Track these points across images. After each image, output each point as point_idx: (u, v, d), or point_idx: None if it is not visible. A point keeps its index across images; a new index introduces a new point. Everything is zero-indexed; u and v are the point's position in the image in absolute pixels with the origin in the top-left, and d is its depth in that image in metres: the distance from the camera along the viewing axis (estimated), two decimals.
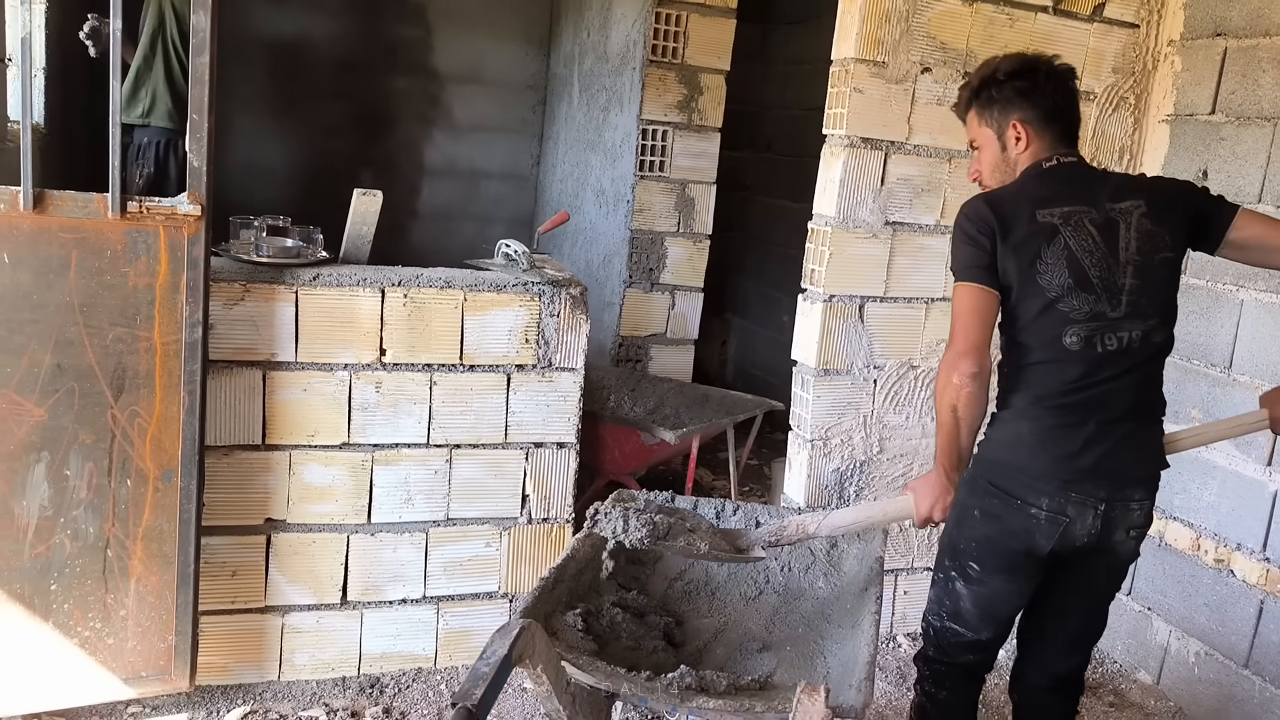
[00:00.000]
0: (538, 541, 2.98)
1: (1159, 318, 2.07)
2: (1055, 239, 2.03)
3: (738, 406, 3.91)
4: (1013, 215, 2.05)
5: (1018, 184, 2.14)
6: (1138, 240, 2.04)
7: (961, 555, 2.16)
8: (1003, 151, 2.18)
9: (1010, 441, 2.10)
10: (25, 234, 2.20)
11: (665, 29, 4.43)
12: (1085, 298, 2.02)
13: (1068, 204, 2.06)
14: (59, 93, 4.08)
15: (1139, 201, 2.07)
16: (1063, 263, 2.02)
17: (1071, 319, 2.02)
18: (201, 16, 2.26)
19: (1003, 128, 2.17)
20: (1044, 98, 2.14)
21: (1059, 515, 2.03)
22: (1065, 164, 2.13)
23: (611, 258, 4.68)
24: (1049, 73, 2.15)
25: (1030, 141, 2.15)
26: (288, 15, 5.37)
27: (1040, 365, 2.06)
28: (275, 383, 2.66)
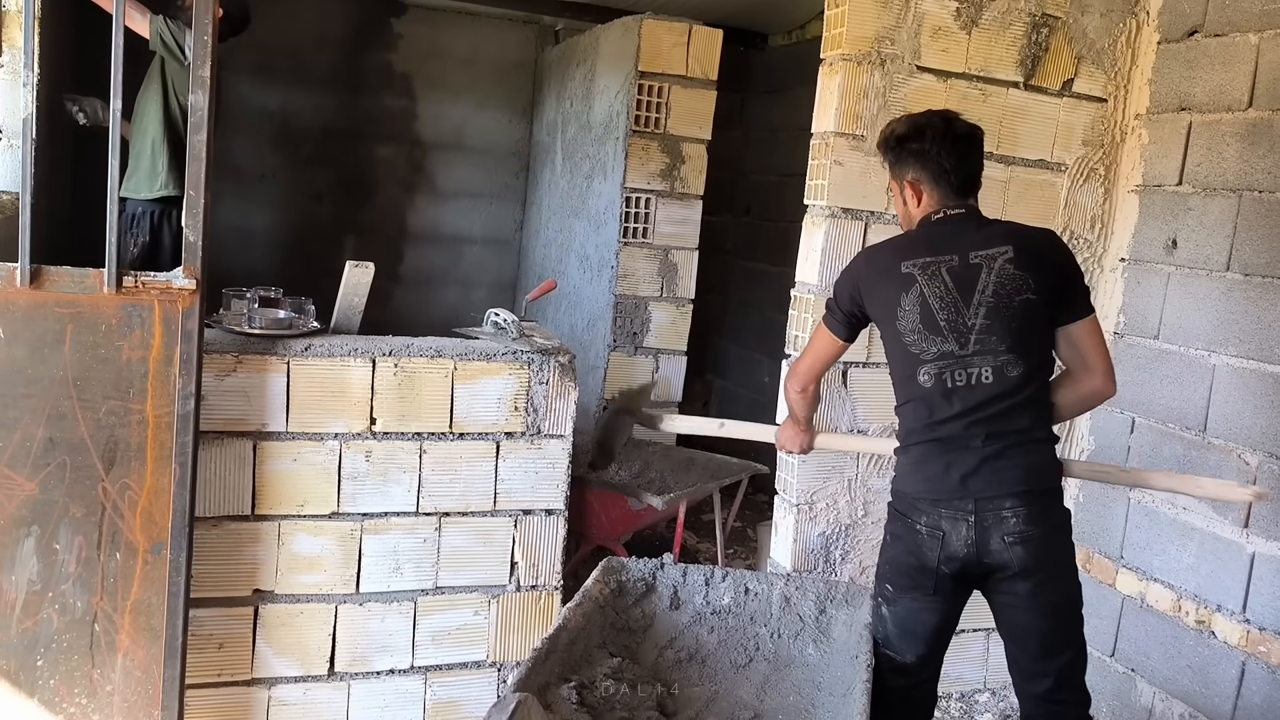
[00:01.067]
0: (527, 609, 2.97)
1: (1014, 353, 2.22)
2: (912, 287, 2.26)
3: (723, 470, 3.94)
4: (883, 269, 2.32)
5: (904, 236, 2.42)
6: (996, 283, 2.23)
7: (880, 579, 2.39)
8: (904, 205, 2.42)
9: (900, 470, 2.36)
10: (21, 309, 2.22)
11: (647, 99, 4.53)
12: (933, 339, 2.24)
13: (929, 254, 2.28)
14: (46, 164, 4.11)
15: (1006, 248, 2.26)
16: (916, 309, 2.25)
17: (922, 359, 2.25)
18: (200, 96, 2.31)
19: (901, 184, 2.40)
20: (931, 160, 2.33)
21: (935, 529, 2.23)
22: (950, 216, 2.33)
23: (596, 322, 4.73)
24: (936, 135, 2.33)
25: (922, 197, 2.36)
26: (275, 86, 5.46)
27: (908, 404, 2.31)
28: (265, 453, 2.67)
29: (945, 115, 2.38)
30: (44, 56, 3.94)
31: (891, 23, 3.03)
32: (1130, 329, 3.29)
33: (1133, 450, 3.24)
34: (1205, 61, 3.08)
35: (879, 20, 3.01)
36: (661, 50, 4.53)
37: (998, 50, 3.15)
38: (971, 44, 3.13)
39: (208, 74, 2.29)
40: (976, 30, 3.12)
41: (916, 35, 3.06)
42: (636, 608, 2.57)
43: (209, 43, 2.28)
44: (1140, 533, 3.21)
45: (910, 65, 3.08)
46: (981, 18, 3.12)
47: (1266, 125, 2.89)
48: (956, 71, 3.13)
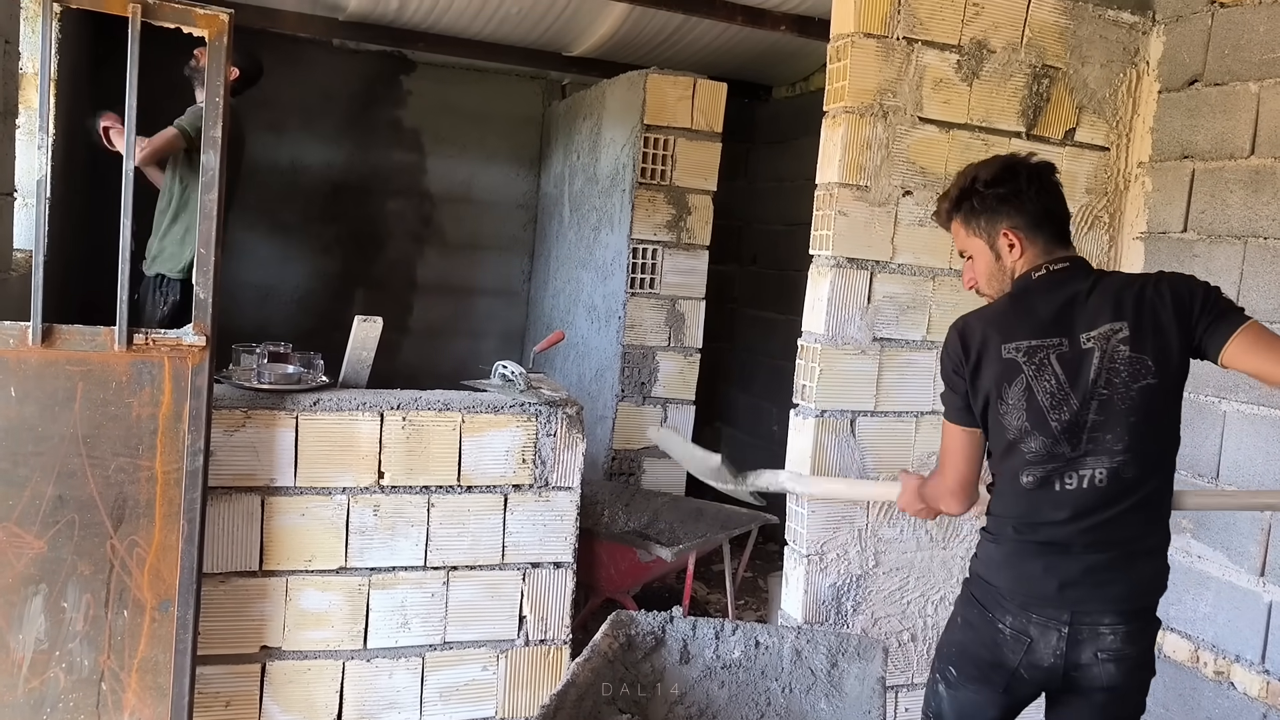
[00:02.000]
0: (535, 664, 2.95)
1: (1131, 452, 1.96)
2: (1017, 378, 2.00)
3: (732, 521, 3.91)
4: (982, 350, 2.04)
5: (1000, 303, 2.11)
6: (1109, 371, 1.96)
7: (943, 659, 2.20)
8: (997, 260, 2.11)
9: (985, 557, 2.13)
10: (33, 368, 2.24)
11: (653, 152, 4.58)
12: (1041, 440, 1.99)
13: (1037, 335, 2.00)
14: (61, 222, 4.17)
15: (1120, 325, 1.97)
16: (1022, 403, 1.99)
17: (1028, 460, 2.01)
18: (211, 156, 2.35)
19: (993, 237, 2.09)
20: (1029, 202, 2.07)
21: (1021, 634, 2.03)
22: (1055, 273, 2.04)
23: (604, 372, 4.74)
24: (1029, 174, 2.09)
25: (1024, 249, 2.07)
26: (285, 142, 5.54)
27: (1008, 495, 2.07)
28: (273, 508, 2.67)
29: (1019, 156, 2.15)
30: (60, 117, 4.01)
31: (893, 75, 3.06)
32: None
33: None
34: (1206, 110, 3.10)
35: (881, 73, 3.05)
36: (667, 103, 4.59)
37: (999, 101, 3.18)
38: (973, 95, 3.16)
39: (219, 134, 2.33)
40: (978, 82, 3.15)
41: (918, 87, 3.09)
42: (646, 662, 2.54)
43: (220, 104, 2.32)
44: None
45: (913, 117, 3.10)
46: (982, 70, 3.15)
47: (1269, 172, 2.90)
48: (959, 122, 3.16)
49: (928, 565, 3.24)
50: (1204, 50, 3.12)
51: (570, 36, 5.08)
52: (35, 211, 2.22)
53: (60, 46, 3.99)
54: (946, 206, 2.19)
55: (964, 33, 3.11)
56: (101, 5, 2.26)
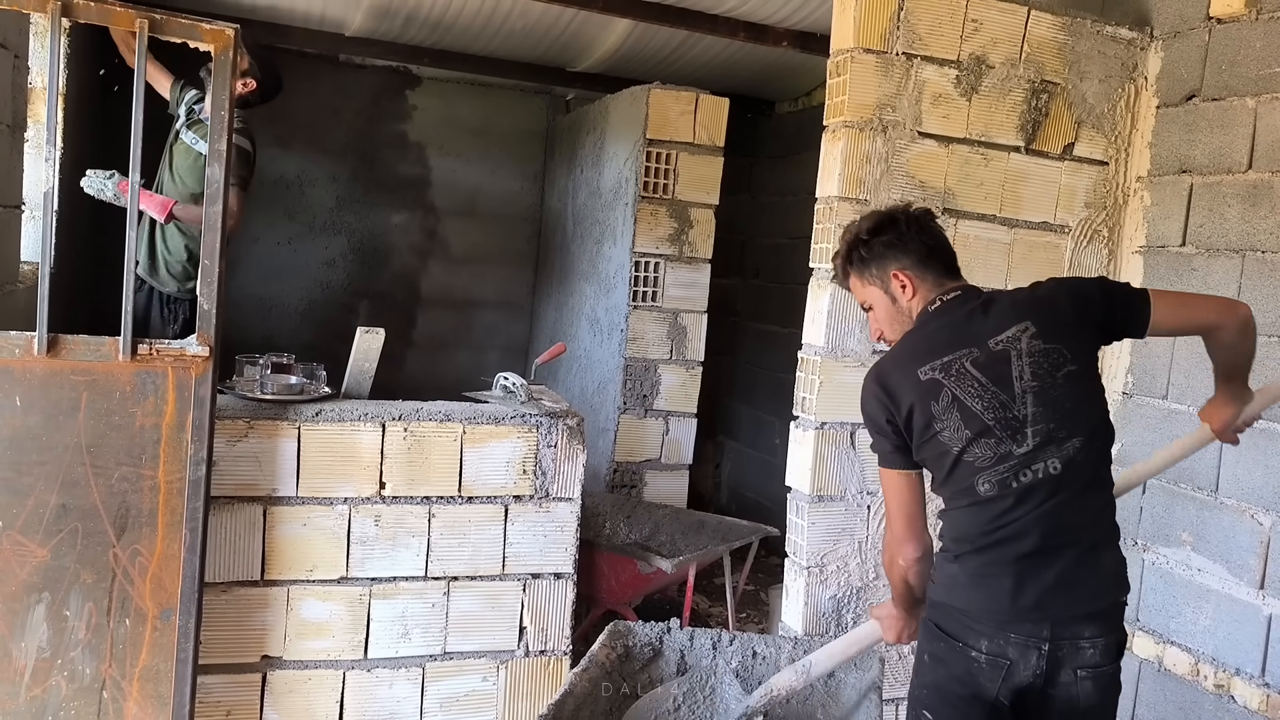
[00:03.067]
0: (535, 675, 2.96)
1: (1080, 435, 2.00)
2: (940, 394, 2.02)
3: (733, 533, 3.92)
4: (900, 384, 2.06)
5: (904, 341, 2.17)
6: (1031, 365, 2.01)
7: (917, 705, 2.11)
8: (894, 303, 2.20)
9: (947, 583, 2.06)
10: (38, 378, 2.27)
11: (655, 166, 4.61)
12: (985, 443, 1.98)
13: (946, 352, 2.04)
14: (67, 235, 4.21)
15: (1025, 325, 2.04)
16: (954, 414, 2.00)
17: (979, 467, 1.99)
18: (216, 169, 2.38)
19: (886, 281, 2.19)
20: (912, 242, 2.18)
21: (999, 657, 1.97)
22: (949, 302, 2.13)
23: (606, 385, 4.76)
24: (908, 219, 2.20)
25: (916, 287, 2.17)
26: (291, 156, 5.58)
27: (963, 509, 2.04)
28: (275, 518, 2.69)
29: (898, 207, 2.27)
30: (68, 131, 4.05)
31: (893, 90, 3.09)
32: (1139, 389, 3.29)
33: (1145, 511, 3.22)
34: (1204, 125, 3.12)
35: (880, 88, 3.07)
36: (669, 118, 4.62)
37: (998, 116, 3.21)
38: (972, 110, 3.18)
39: (223, 147, 2.35)
40: (977, 97, 3.18)
41: (918, 102, 3.12)
42: (644, 673, 2.55)
43: (225, 117, 2.35)
44: (1156, 594, 3.18)
45: (912, 131, 3.13)
46: (981, 85, 3.17)
47: (1267, 187, 2.92)
48: (958, 137, 3.18)
49: None
50: (1201, 66, 3.14)
51: (574, 52, 5.11)
52: (42, 224, 2.25)
53: (69, 62, 4.02)
54: (840, 263, 2.29)
55: (963, 48, 3.13)
56: (110, 20, 2.30)
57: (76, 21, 2.29)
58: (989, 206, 3.21)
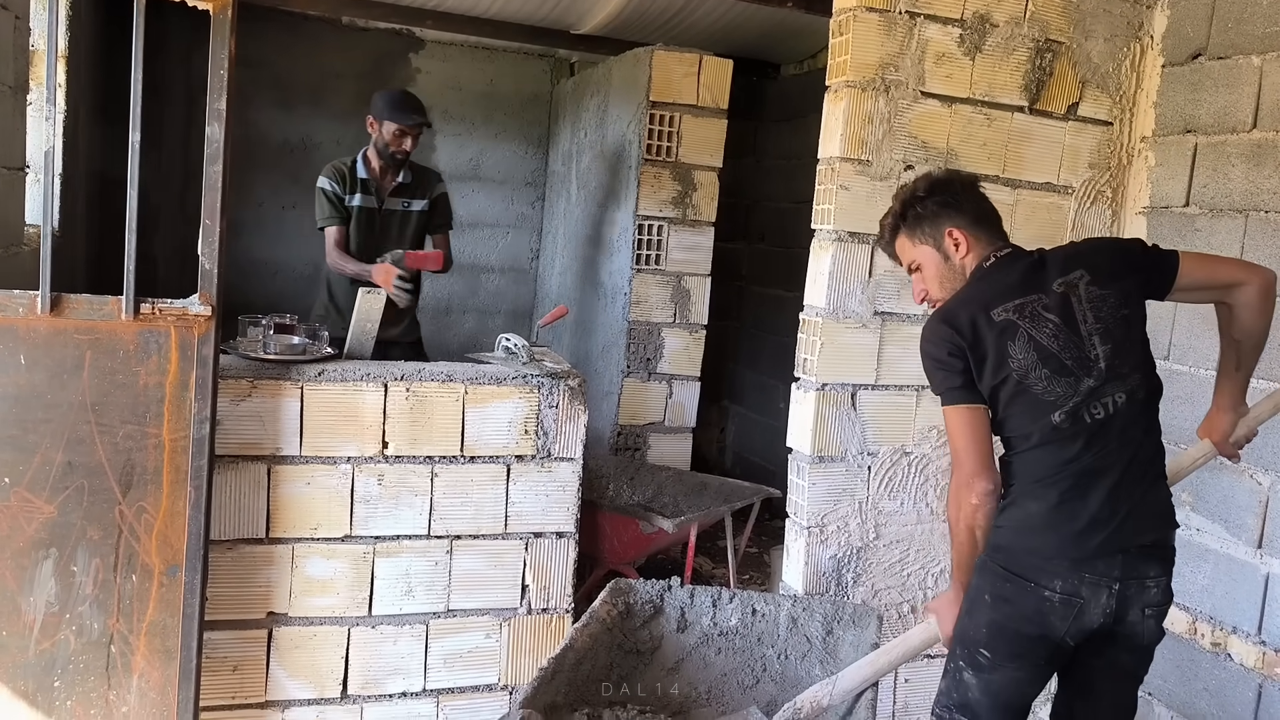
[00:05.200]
0: (537, 632, 2.99)
1: (1139, 372, 2.13)
2: (1016, 334, 2.11)
3: (735, 494, 3.95)
4: (971, 324, 2.13)
5: (966, 290, 2.24)
6: (1091, 308, 2.12)
7: (971, 643, 2.14)
8: (946, 261, 2.28)
9: (1018, 524, 2.12)
10: (42, 336, 2.29)
11: (659, 129, 4.59)
12: (1061, 380, 2.09)
13: (1017, 296, 2.14)
14: (72, 197, 4.23)
15: (1080, 272, 2.15)
16: (1031, 352, 2.10)
17: (1054, 403, 2.09)
18: (215, 128, 2.38)
19: (939, 240, 2.27)
20: (967, 204, 2.28)
21: (1073, 597, 2.04)
22: (1003, 257, 2.23)
23: (610, 348, 4.77)
24: (961, 182, 2.32)
25: (970, 245, 2.25)
26: (295, 119, 5.57)
27: (1035, 449, 2.11)
28: (280, 476, 2.71)
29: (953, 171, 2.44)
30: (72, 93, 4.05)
31: (895, 49, 3.07)
32: None
33: None
34: (1209, 84, 3.09)
35: (883, 47, 3.05)
36: (673, 80, 4.59)
37: (1002, 75, 3.18)
38: (975, 70, 3.16)
39: (223, 106, 2.35)
40: (980, 56, 3.15)
41: (920, 61, 3.10)
42: (644, 629, 2.58)
43: (225, 76, 2.35)
44: None
45: (915, 91, 3.11)
46: (985, 44, 3.15)
47: (1271, 146, 2.89)
48: (961, 97, 3.16)
49: (928, 538, 3.26)
50: (1207, 24, 3.11)
51: (577, 14, 5.08)
52: (43, 182, 2.26)
53: (73, 23, 4.02)
54: (890, 222, 2.36)
55: (966, 7, 3.10)
56: None
57: None
58: (992, 167, 3.20)
